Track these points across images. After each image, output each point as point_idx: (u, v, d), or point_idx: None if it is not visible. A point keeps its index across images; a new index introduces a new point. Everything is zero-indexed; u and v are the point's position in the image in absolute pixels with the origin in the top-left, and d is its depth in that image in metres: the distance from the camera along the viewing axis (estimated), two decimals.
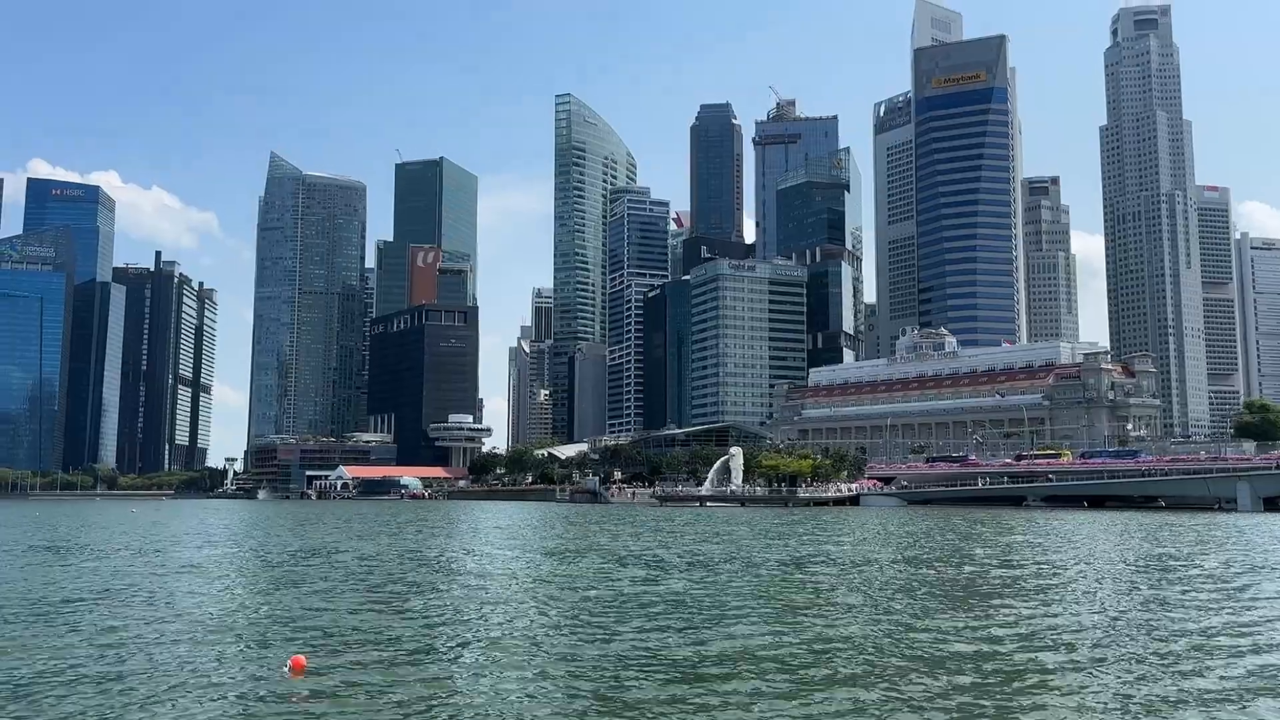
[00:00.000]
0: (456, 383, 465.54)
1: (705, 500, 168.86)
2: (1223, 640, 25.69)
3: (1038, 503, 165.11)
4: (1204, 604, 33.23)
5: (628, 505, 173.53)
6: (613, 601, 34.13)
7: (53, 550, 63.33)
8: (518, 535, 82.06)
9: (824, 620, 29.25)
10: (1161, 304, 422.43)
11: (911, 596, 35.28)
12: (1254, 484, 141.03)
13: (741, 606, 32.45)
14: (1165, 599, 34.55)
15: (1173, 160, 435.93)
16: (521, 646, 24.71)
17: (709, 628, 27.73)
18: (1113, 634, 26.57)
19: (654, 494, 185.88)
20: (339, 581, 41.66)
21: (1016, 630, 27.11)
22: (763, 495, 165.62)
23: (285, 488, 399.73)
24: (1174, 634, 26.61)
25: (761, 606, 32.74)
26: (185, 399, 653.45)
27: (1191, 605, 32.81)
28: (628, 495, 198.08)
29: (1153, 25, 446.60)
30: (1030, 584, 39.95)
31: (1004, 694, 19.28)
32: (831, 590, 37.69)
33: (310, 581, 41.82)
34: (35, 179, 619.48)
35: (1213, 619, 29.62)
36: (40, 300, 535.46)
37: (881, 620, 29.01)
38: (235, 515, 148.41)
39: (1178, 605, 32.74)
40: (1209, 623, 28.82)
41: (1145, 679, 20.66)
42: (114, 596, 36.00)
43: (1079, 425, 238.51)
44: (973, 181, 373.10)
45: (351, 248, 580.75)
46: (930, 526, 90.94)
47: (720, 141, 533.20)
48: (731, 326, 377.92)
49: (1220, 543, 66.55)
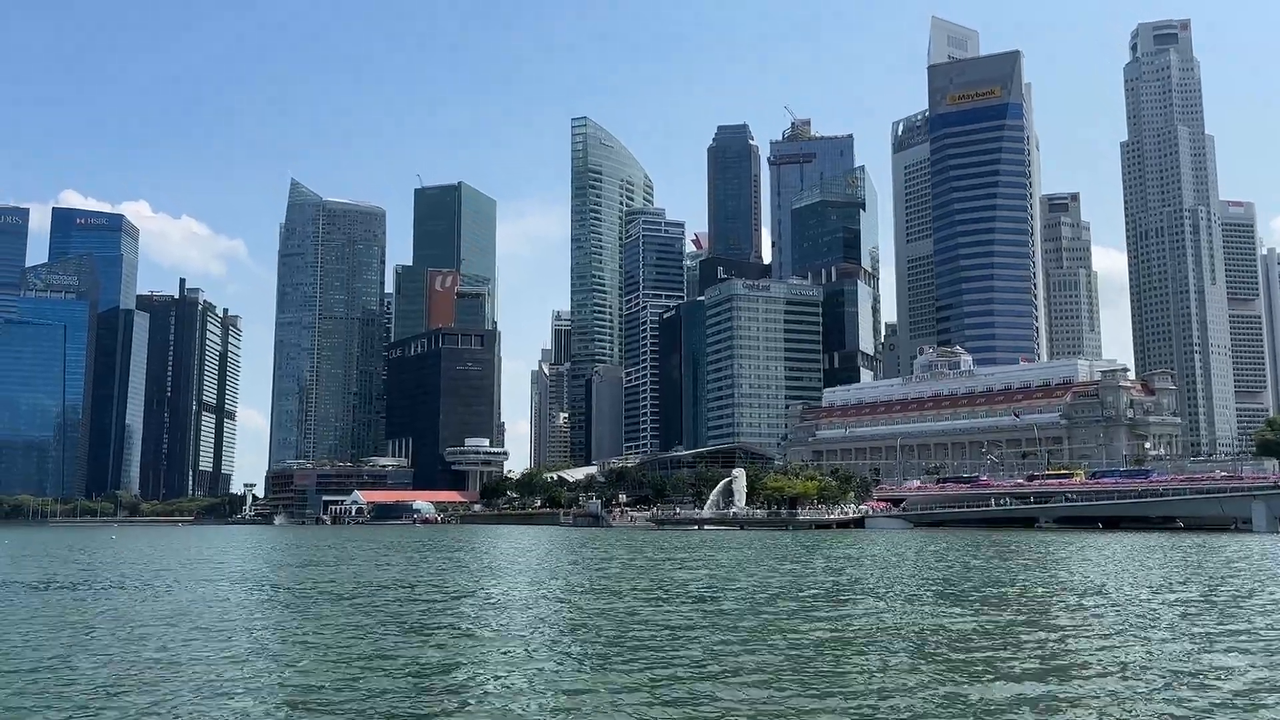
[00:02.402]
0: (474, 406, 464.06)
1: (703, 523, 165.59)
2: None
3: (1050, 524, 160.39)
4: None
5: (627, 529, 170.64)
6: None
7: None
8: (477, 568, 79.72)
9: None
10: (1186, 321, 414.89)
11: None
12: (1269, 503, 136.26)
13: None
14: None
15: (1195, 176, 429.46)
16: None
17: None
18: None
19: (650, 517, 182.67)
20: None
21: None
22: (762, 518, 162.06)
23: (302, 513, 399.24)
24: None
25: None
26: (209, 425, 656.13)
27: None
28: (629, 519, 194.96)
29: (1173, 40, 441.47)
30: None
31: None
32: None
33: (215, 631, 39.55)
34: (60, 208, 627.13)
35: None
36: (64, 328, 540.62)
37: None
38: (236, 542, 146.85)
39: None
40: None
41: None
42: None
43: (1097, 444, 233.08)
44: (989, 198, 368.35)
45: (371, 273, 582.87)
46: (916, 553, 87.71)
47: (738, 162, 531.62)
48: (746, 347, 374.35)
49: (1207, 569, 63.07)
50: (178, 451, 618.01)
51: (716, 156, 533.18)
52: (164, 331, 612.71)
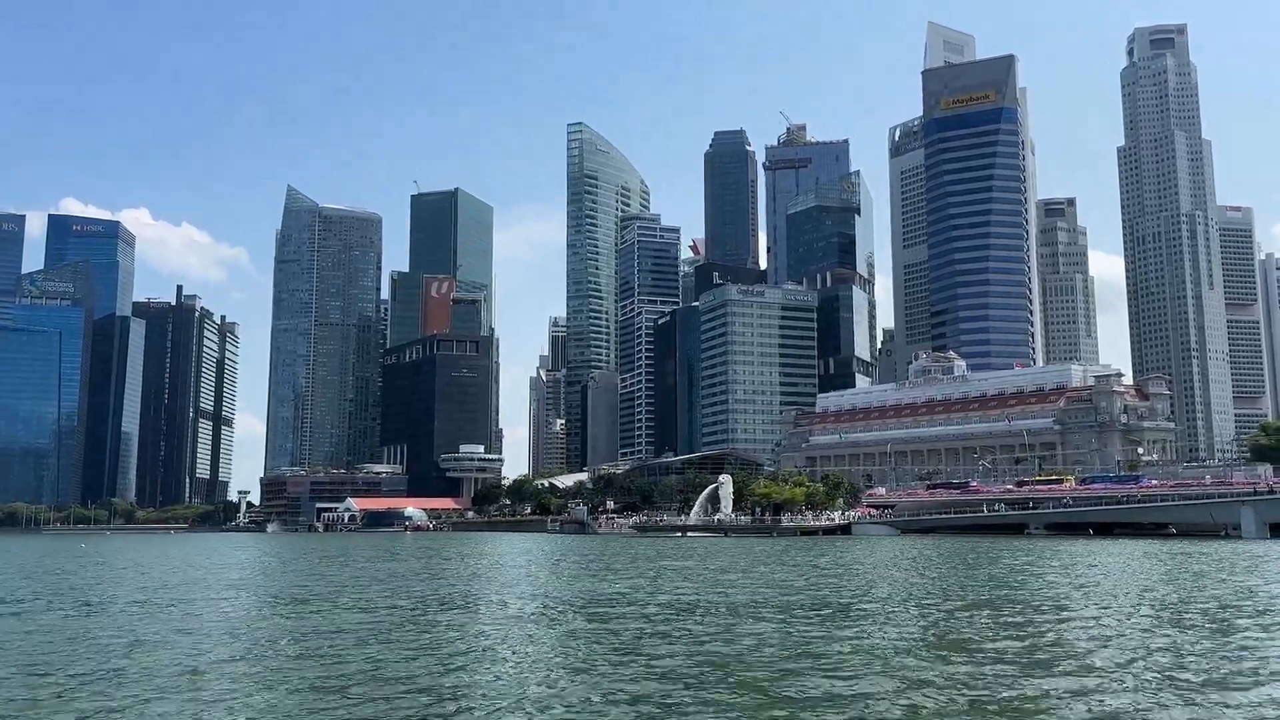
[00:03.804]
0: (469, 412, 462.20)
1: (687, 530, 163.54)
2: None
3: (1040, 530, 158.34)
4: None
5: (611, 536, 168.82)
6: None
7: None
8: (400, 580, 78.01)
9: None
10: (1184, 326, 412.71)
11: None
12: (1258, 509, 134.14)
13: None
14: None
15: (1193, 180, 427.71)
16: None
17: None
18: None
19: (632, 524, 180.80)
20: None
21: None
22: (745, 524, 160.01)
23: (295, 520, 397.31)
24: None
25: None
26: (207, 432, 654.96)
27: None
28: (614, 526, 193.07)
29: (1169, 44, 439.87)
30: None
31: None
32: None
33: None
34: (56, 215, 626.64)
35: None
36: (59, 335, 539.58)
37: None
38: (207, 551, 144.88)
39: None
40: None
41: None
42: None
43: (1090, 450, 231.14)
44: (983, 203, 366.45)
45: (367, 279, 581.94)
46: (892, 559, 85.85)
47: (735, 168, 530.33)
48: (741, 353, 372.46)
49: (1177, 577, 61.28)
50: (175, 458, 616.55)
51: (714, 162, 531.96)
52: (161, 338, 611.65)
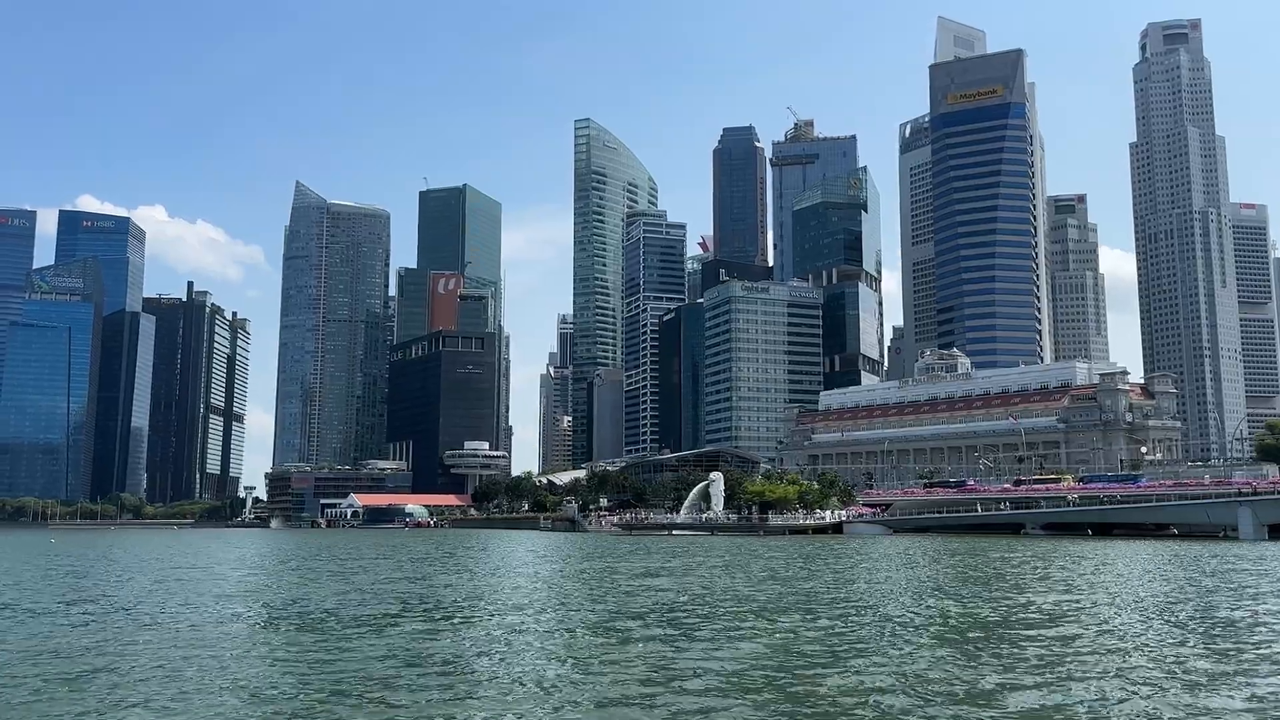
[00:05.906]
0: (475, 409, 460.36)
1: (674, 528, 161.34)
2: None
3: (1037, 530, 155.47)
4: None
5: (600, 534, 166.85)
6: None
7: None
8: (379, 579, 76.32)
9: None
10: (1196, 324, 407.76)
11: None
12: (1256, 509, 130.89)
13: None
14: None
15: (1205, 177, 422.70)
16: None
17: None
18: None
19: (618, 522, 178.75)
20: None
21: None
22: (733, 523, 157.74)
23: (299, 516, 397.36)
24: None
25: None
26: (217, 428, 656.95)
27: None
28: (604, 523, 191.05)
29: (1183, 40, 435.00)
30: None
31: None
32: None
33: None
34: (66, 211, 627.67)
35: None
36: (69, 330, 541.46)
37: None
38: (197, 547, 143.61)
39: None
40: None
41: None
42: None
43: (1094, 449, 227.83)
44: (990, 199, 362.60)
45: (375, 275, 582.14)
46: (873, 561, 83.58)
47: (743, 164, 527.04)
48: (745, 350, 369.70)
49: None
50: (185, 454, 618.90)
51: (722, 159, 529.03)
52: (171, 334, 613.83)
